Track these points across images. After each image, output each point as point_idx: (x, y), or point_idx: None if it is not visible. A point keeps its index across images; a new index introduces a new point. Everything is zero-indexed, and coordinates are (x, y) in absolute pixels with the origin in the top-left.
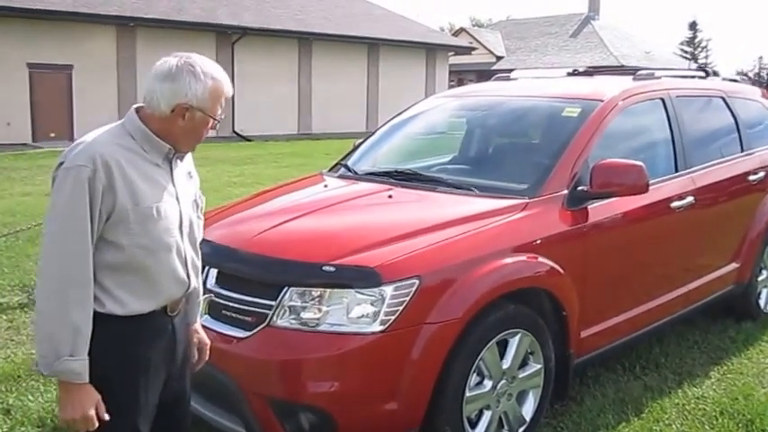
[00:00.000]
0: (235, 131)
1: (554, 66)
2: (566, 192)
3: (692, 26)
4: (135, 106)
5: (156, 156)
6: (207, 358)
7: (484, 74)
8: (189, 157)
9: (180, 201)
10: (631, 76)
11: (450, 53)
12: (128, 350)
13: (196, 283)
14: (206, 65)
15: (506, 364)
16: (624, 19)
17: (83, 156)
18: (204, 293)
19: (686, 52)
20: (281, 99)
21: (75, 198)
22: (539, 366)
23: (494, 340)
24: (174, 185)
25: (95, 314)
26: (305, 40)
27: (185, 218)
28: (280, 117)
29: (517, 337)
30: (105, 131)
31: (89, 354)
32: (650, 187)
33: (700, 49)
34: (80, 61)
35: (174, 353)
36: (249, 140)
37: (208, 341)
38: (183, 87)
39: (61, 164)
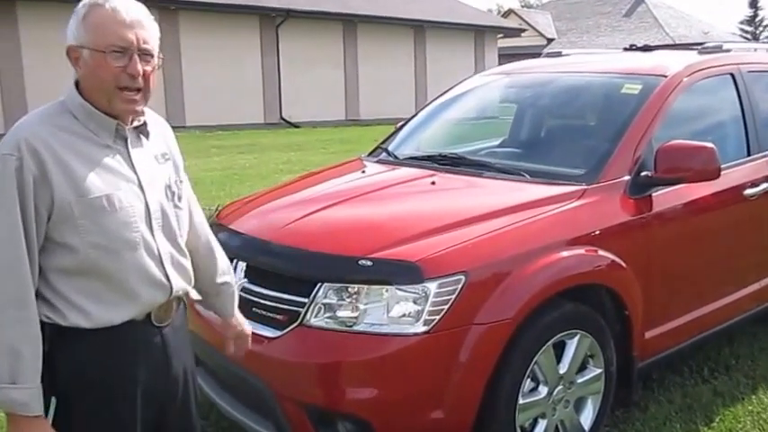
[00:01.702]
0: (282, 118)
1: (608, 47)
2: (628, 177)
3: (753, 4)
4: (76, 78)
5: (105, 135)
6: (241, 351)
7: (535, 57)
8: (165, 134)
9: (144, 188)
10: (696, 51)
11: (500, 35)
12: (100, 371)
13: (182, 284)
14: None
15: (563, 368)
16: None
17: (6, 143)
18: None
19: (746, 32)
20: (328, 84)
21: (2, 195)
22: (599, 371)
23: (550, 342)
24: (133, 170)
25: (57, 329)
26: (349, 23)
27: (154, 208)
28: (327, 103)
29: (575, 339)
30: (39, 111)
31: (52, 376)
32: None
33: (761, 29)
34: None
35: (167, 374)
36: (297, 127)
37: (248, 330)
38: (68, 32)
39: None
